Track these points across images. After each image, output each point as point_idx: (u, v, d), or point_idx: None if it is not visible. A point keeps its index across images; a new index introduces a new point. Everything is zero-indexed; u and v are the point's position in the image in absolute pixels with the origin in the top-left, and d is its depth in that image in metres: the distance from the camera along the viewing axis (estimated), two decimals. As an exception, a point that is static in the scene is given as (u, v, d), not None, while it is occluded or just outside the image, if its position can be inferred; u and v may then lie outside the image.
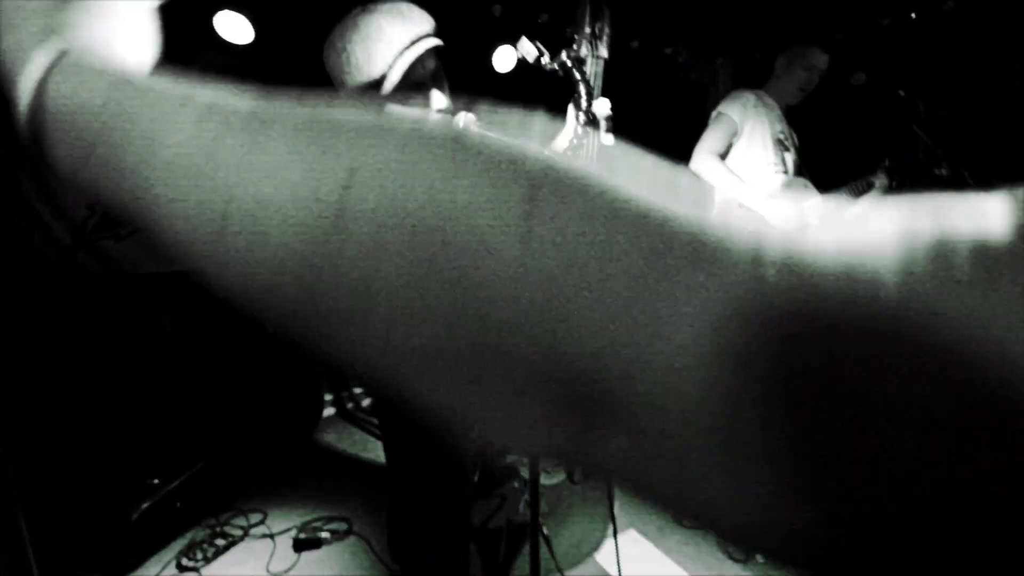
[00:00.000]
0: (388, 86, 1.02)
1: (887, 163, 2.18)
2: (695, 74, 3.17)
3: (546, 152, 0.22)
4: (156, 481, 2.35)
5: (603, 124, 1.28)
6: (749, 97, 2.26)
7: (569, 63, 1.04)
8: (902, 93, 1.93)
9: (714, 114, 2.28)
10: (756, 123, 2.24)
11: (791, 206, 2.12)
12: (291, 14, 2.71)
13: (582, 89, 1.06)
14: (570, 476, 1.47)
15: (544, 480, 1.44)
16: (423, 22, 1.04)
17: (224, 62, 2.94)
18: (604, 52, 1.28)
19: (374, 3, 1.04)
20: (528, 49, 1.03)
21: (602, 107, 1.24)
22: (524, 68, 1.13)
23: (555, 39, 1.21)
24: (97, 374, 2.68)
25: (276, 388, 3.05)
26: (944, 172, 1.96)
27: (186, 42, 2.71)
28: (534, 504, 1.19)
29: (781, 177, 2.26)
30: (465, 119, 1.05)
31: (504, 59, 3.51)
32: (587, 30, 1.27)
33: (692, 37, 3.06)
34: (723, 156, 2.25)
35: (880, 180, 2.19)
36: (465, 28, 2.73)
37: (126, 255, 2.98)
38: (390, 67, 1.01)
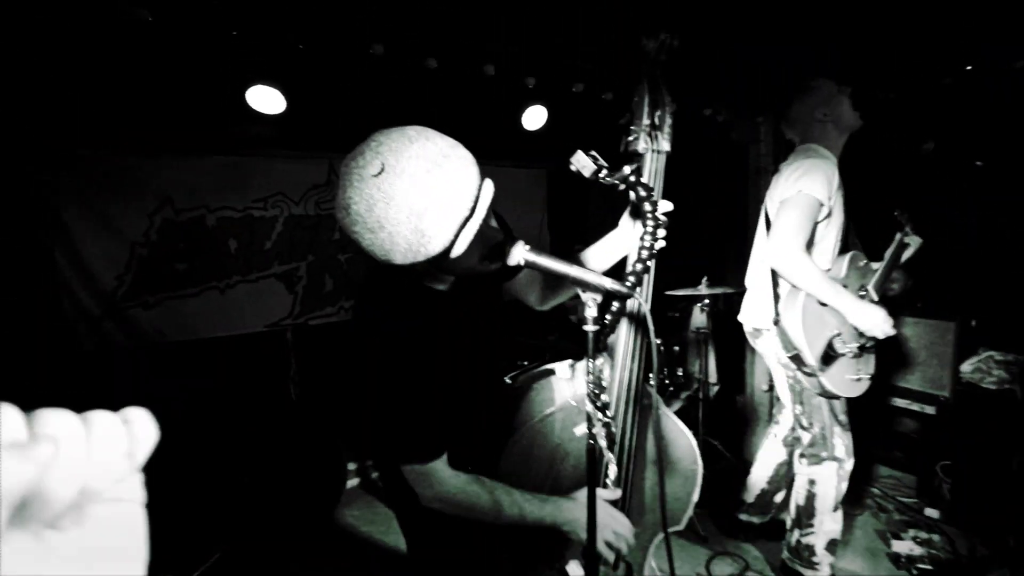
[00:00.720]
0: (455, 253, 0.85)
1: (903, 217, 1.97)
2: (736, 134, 3.05)
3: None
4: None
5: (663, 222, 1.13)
6: (831, 164, 1.86)
7: (632, 178, 0.91)
8: (979, 164, 1.75)
9: (794, 193, 1.84)
10: (838, 200, 1.89)
11: (878, 313, 1.82)
12: (324, 82, 2.70)
13: (647, 208, 0.92)
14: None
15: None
16: (469, 169, 0.82)
17: (257, 132, 2.95)
18: (666, 145, 1.15)
19: (393, 153, 0.81)
20: (584, 163, 0.90)
21: (665, 211, 1.10)
22: (555, 125, 1.00)
23: (593, 107, 1.10)
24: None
25: (297, 459, 2.91)
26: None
27: (218, 115, 2.72)
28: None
29: (841, 256, 2.01)
30: (518, 247, 0.91)
31: (534, 118, 3.47)
32: (646, 121, 1.15)
33: (731, 96, 2.95)
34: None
35: (911, 237, 1.99)
36: (497, 95, 2.67)
37: (153, 323, 2.94)
38: (453, 241, 0.82)
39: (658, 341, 2.97)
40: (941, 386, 2.84)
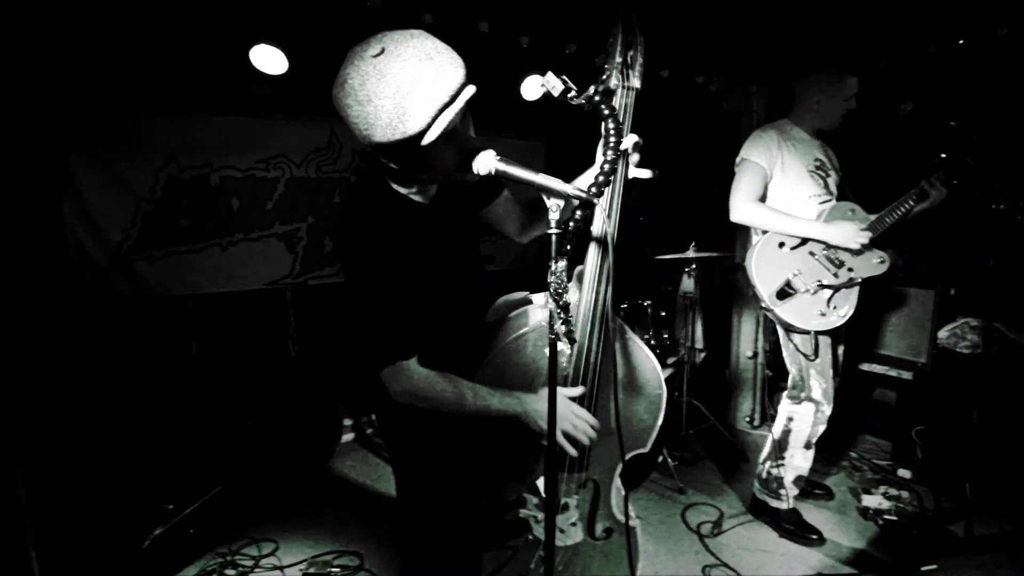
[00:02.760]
0: (426, 140, 0.92)
1: (940, 167, 2.00)
2: (728, 103, 3.10)
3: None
4: (171, 507, 2.33)
5: (632, 157, 1.22)
6: (771, 136, 2.20)
7: (597, 98, 0.99)
8: (953, 124, 1.82)
9: (738, 160, 2.24)
10: (786, 160, 2.19)
11: (846, 226, 2.05)
12: (325, 44, 2.77)
13: (610, 124, 1.00)
14: (590, 531, 1.37)
15: (560, 541, 1.34)
16: (457, 68, 0.92)
17: (260, 93, 3.02)
18: (636, 82, 1.21)
19: (394, 41, 0.91)
20: (554, 83, 0.98)
21: (630, 142, 1.19)
22: (551, 97, 1.07)
23: (585, 70, 1.17)
24: (119, 393, 2.71)
25: (294, 412, 3.03)
26: (1002, 207, 1.83)
27: (222, 74, 2.79)
28: (549, 561, 1.10)
29: (826, 205, 2.19)
30: (487, 155, 1.00)
31: (531, 88, 3.52)
32: (618, 59, 1.21)
33: (725, 65, 3.00)
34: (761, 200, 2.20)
35: (936, 189, 2.03)
36: (493, 61, 2.73)
37: (158, 277, 3.04)
38: (429, 124, 0.91)
39: (647, 303, 3.05)
40: (919, 352, 2.93)
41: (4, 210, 2.54)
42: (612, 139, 1.00)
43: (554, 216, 0.95)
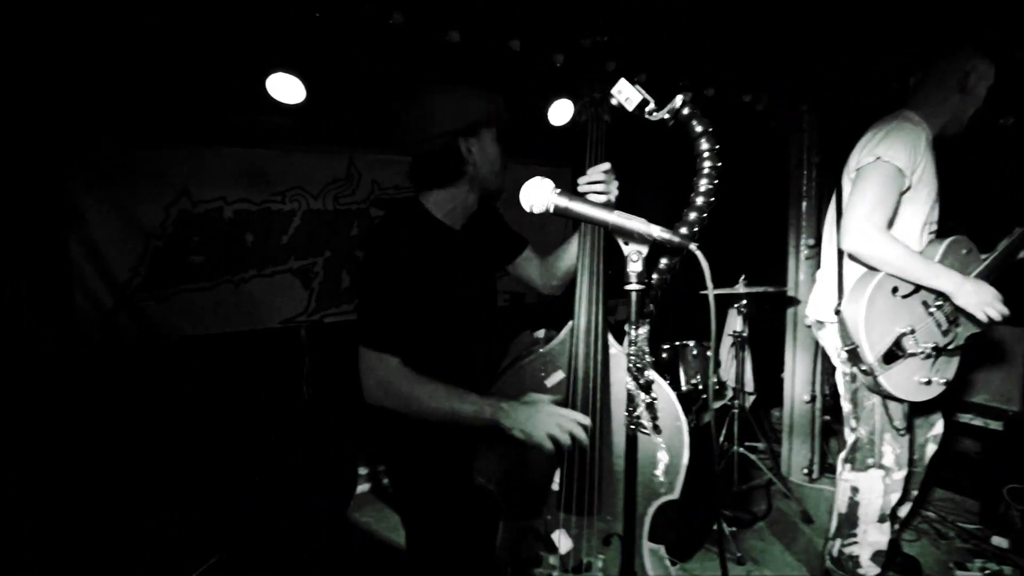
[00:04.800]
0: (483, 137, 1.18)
1: None
2: (775, 122, 2.85)
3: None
4: (167, 579, 2.08)
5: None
6: (919, 133, 1.64)
7: (686, 111, 0.75)
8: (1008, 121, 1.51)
9: (870, 160, 1.63)
10: (926, 170, 1.65)
11: (987, 289, 1.61)
12: (345, 69, 2.62)
13: (704, 145, 0.76)
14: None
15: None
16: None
17: (277, 124, 2.89)
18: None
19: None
20: (629, 93, 0.74)
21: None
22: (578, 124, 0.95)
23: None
24: (116, 445, 2.51)
25: (306, 462, 2.79)
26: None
27: (237, 104, 2.66)
28: None
29: (937, 241, 1.76)
30: (540, 187, 0.77)
31: (560, 113, 3.33)
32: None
33: (773, 82, 2.76)
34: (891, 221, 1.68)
35: None
36: (523, 80, 2.54)
37: (167, 317, 2.87)
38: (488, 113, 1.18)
39: (692, 343, 2.76)
40: (1009, 399, 2.57)
41: (10, 250, 2.41)
42: (707, 164, 0.76)
43: (635, 267, 0.71)
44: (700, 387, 2.71)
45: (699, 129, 0.76)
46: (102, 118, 2.60)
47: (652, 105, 0.76)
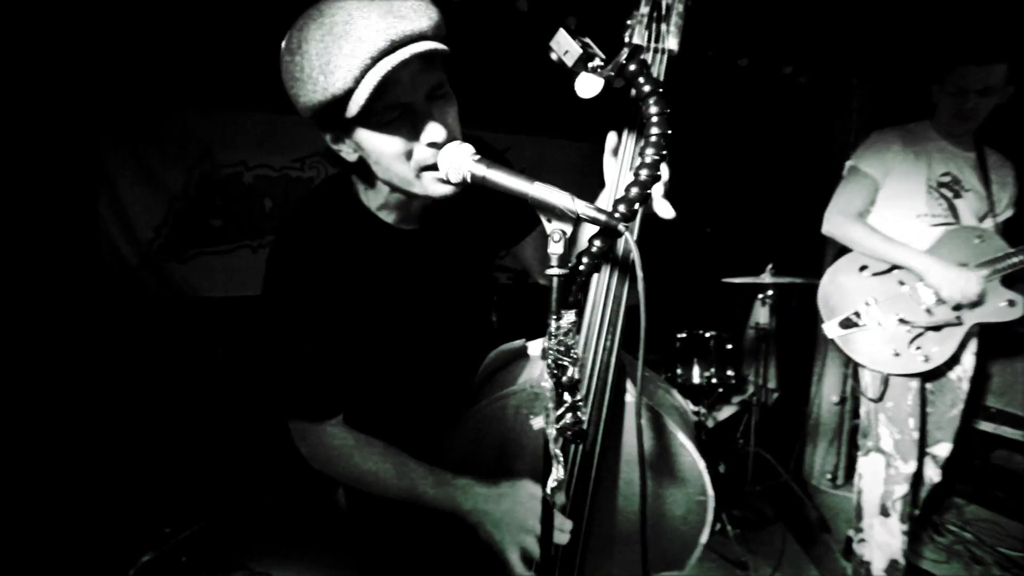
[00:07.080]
0: (353, 108, 0.66)
1: None
2: (820, 98, 2.58)
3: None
4: (168, 530, 2.17)
5: (661, 188, 0.72)
6: (891, 140, 1.87)
7: (633, 67, 0.63)
8: None
9: (847, 167, 1.95)
10: (903, 171, 1.84)
11: (955, 271, 1.69)
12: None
13: (652, 108, 0.64)
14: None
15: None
16: (417, 14, 0.66)
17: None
18: (672, 43, 0.76)
19: None
20: (567, 46, 0.63)
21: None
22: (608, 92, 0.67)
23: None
24: (134, 395, 2.61)
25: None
26: None
27: (262, 69, 2.64)
28: None
29: (938, 230, 1.80)
30: (459, 151, 0.68)
31: (588, 84, 3.15)
32: (644, 8, 0.76)
33: (817, 53, 2.49)
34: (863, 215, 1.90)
35: None
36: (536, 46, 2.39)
37: (188, 278, 2.96)
38: (357, 81, 0.65)
39: (709, 334, 2.60)
40: (1068, 417, 2.30)
41: (42, 209, 2.52)
42: (655, 131, 0.64)
43: (556, 249, 0.61)
44: (714, 380, 2.56)
45: (647, 89, 0.64)
46: (130, 80, 2.65)
47: (597, 61, 0.65)
